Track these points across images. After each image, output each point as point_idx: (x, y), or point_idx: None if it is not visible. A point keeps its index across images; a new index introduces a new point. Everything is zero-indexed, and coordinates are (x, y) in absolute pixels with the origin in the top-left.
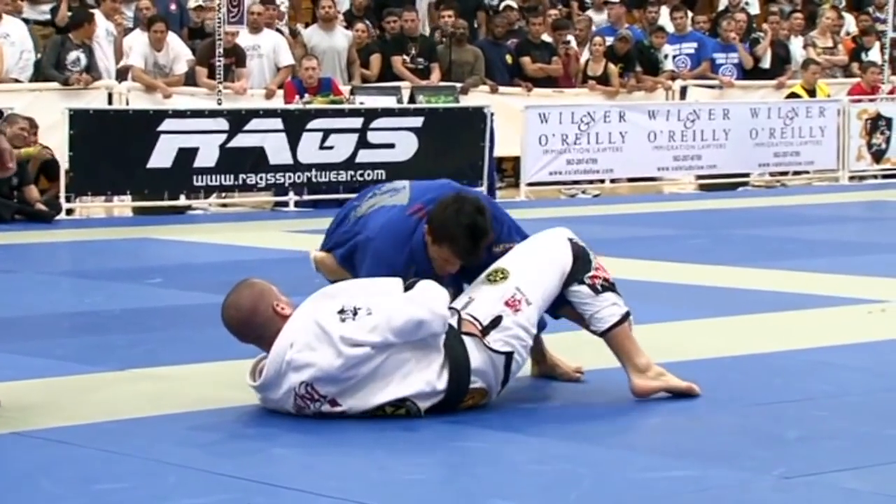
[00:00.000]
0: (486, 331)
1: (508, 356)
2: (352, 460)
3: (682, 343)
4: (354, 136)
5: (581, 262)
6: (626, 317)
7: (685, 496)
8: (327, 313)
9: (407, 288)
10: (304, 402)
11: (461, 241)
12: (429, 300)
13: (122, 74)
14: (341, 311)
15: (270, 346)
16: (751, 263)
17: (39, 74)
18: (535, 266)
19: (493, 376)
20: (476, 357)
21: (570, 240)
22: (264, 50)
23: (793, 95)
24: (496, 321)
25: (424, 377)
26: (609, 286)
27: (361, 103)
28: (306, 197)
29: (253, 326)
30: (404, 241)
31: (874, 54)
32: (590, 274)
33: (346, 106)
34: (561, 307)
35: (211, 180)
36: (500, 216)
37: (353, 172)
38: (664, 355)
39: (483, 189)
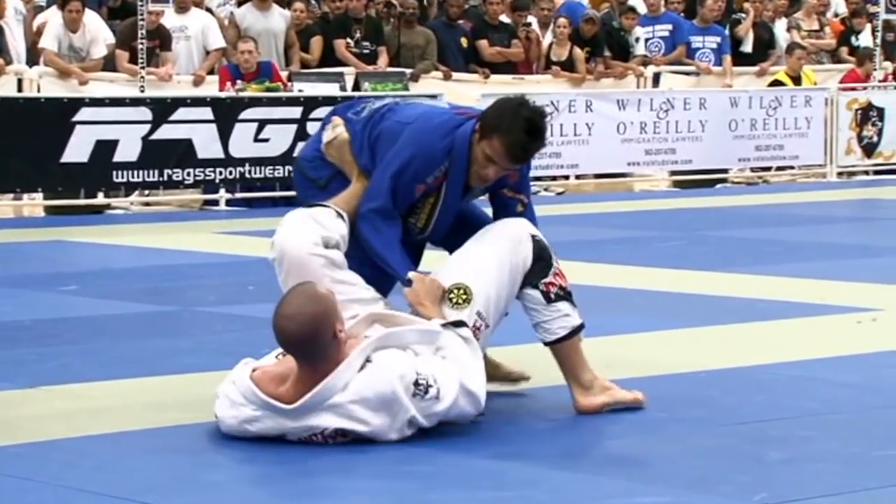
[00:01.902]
0: None
1: None
2: (296, 484)
3: (654, 356)
4: (293, 128)
5: (540, 266)
6: (576, 331)
7: None
8: (403, 379)
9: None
10: (319, 438)
11: (517, 133)
12: (480, 386)
13: (33, 58)
14: (416, 384)
15: (311, 366)
16: (730, 268)
17: None
18: (497, 279)
19: None
20: None
21: (533, 237)
22: (192, 31)
23: (776, 83)
24: None
25: None
26: (563, 295)
27: (300, 91)
28: (239, 195)
29: (307, 348)
30: (448, 130)
31: (865, 38)
32: (546, 280)
33: (282, 94)
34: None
35: (132, 176)
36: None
37: (290, 168)
38: (634, 370)
39: None
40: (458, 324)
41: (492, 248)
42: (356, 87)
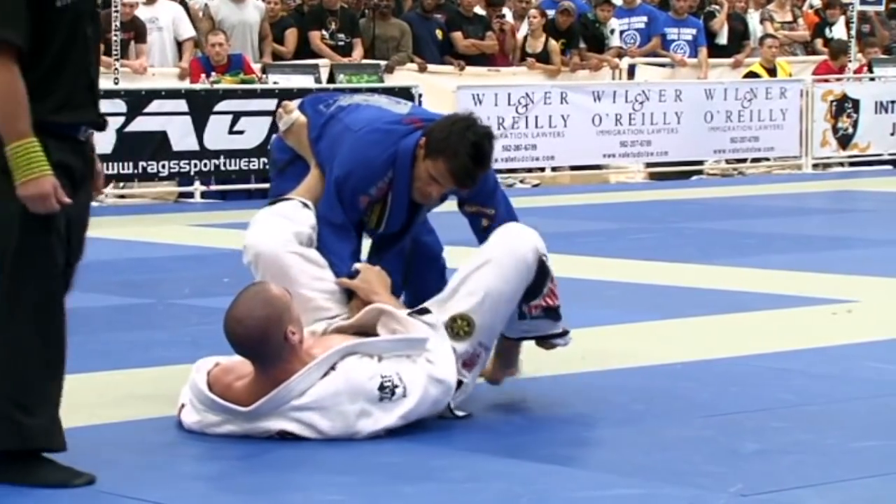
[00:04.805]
0: None
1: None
2: (269, 478)
3: (629, 348)
4: (267, 120)
5: (532, 288)
6: (518, 340)
7: None
8: (368, 383)
9: (420, 312)
10: (276, 437)
11: (462, 158)
12: (448, 371)
13: None
14: (382, 388)
15: (263, 368)
16: (705, 260)
17: None
18: (505, 311)
19: None
20: None
21: (540, 259)
22: (163, 22)
23: (751, 75)
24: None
25: None
26: (541, 315)
27: (275, 83)
28: (214, 187)
29: (257, 350)
30: (391, 143)
31: (839, 29)
32: (533, 303)
33: (257, 86)
34: None
35: (107, 168)
36: (491, 173)
37: (265, 160)
38: (609, 362)
39: None
40: (423, 311)
41: (503, 278)
42: (331, 79)
